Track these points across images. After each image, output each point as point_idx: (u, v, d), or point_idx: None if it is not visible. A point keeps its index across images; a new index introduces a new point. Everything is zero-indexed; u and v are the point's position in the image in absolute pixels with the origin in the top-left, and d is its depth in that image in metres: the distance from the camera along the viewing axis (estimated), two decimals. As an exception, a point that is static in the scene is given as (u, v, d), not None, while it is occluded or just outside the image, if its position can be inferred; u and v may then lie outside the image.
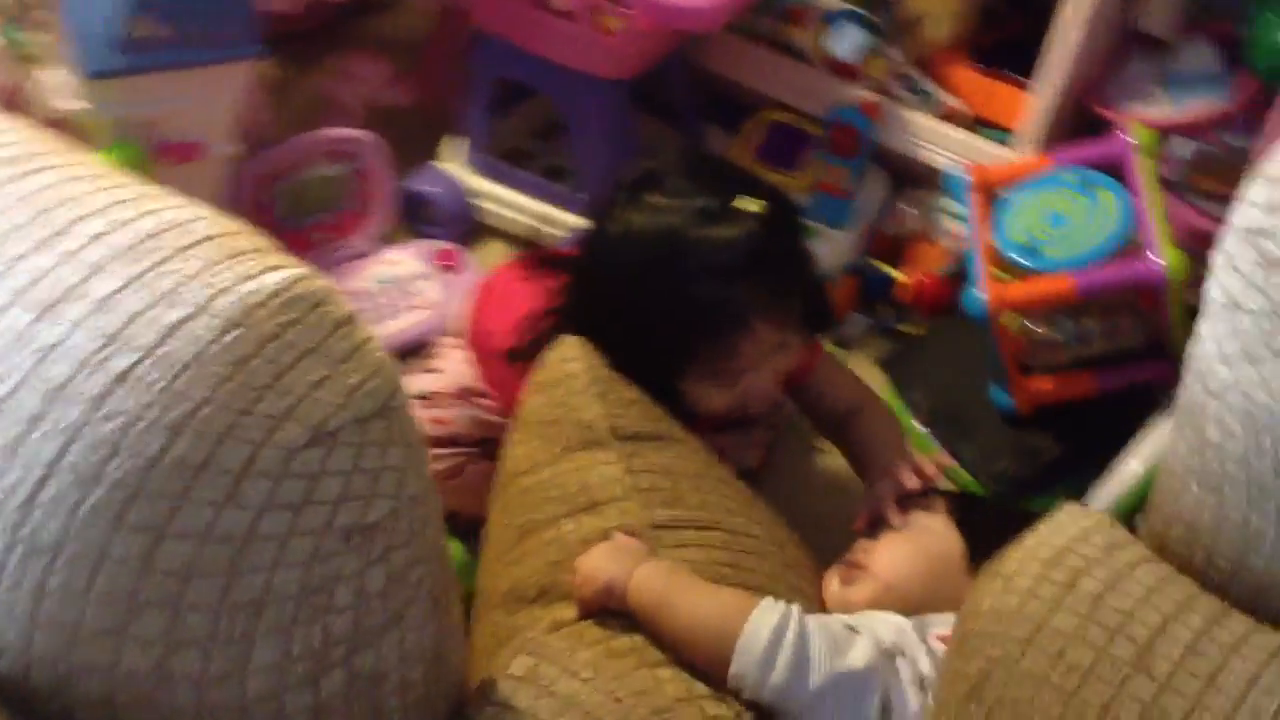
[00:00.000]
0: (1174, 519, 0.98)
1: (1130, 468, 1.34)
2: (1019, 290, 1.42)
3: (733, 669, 1.03)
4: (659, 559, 1.12)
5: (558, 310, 1.36)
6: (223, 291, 0.76)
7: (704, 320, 1.26)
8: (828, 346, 1.69)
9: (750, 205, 1.25)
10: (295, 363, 0.76)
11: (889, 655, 1.06)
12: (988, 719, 0.90)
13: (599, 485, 1.19)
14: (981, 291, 1.42)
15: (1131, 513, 1.35)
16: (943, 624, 1.14)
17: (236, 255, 0.78)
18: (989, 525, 1.26)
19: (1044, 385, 1.50)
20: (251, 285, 0.76)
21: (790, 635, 1.02)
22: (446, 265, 1.86)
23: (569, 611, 1.14)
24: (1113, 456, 1.50)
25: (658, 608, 1.08)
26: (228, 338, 0.74)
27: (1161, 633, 0.89)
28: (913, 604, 1.17)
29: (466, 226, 1.93)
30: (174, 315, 0.74)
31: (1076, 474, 1.51)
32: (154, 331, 0.73)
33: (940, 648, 1.10)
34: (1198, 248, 1.51)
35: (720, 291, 1.24)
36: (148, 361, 0.73)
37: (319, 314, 0.78)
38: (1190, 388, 0.94)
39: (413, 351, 1.77)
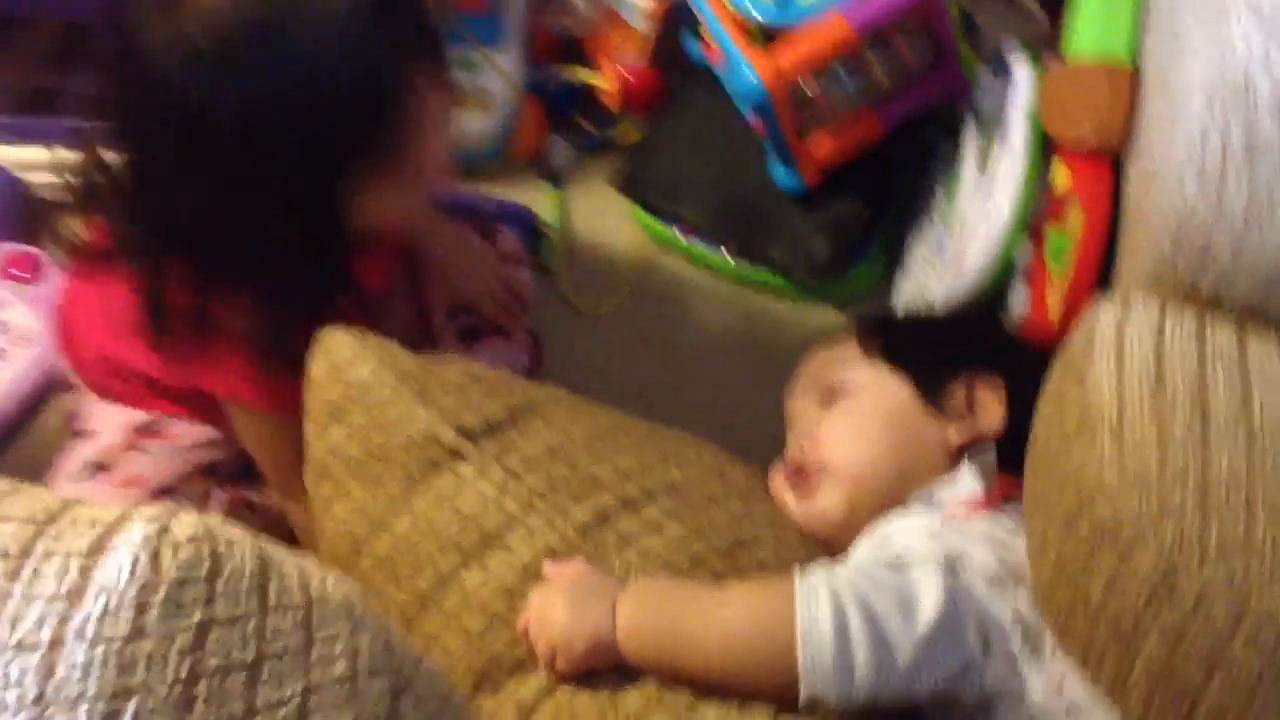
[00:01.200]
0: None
1: (998, 212, 1.15)
2: (791, 55, 1.16)
3: (806, 692, 0.77)
4: (632, 582, 0.83)
5: (135, 237, 0.96)
6: (70, 625, 0.38)
7: (351, 107, 0.88)
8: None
9: None
10: (250, 686, 0.41)
11: (951, 571, 0.83)
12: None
13: (481, 511, 0.87)
14: (751, 72, 1.15)
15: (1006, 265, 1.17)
16: (946, 489, 0.94)
17: (32, 537, 0.41)
18: (919, 344, 1.05)
19: (825, 144, 1.27)
20: (108, 586, 0.40)
21: (855, 622, 0.77)
22: (21, 276, 1.38)
23: (529, 685, 0.84)
24: (917, 191, 1.32)
25: (667, 650, 0.80)
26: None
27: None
28: (893, 484, 0.95)
29: (20, 214, 1.43)
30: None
31: (886, 225, 1.33)
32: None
33: (970, 520, 0.90)
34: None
35: (355, 53, 0.87)
36: None
37: (231, 579, 0.42)
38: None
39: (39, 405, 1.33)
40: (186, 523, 0.43)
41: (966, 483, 0.93)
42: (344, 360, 0.91)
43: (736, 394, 1.30)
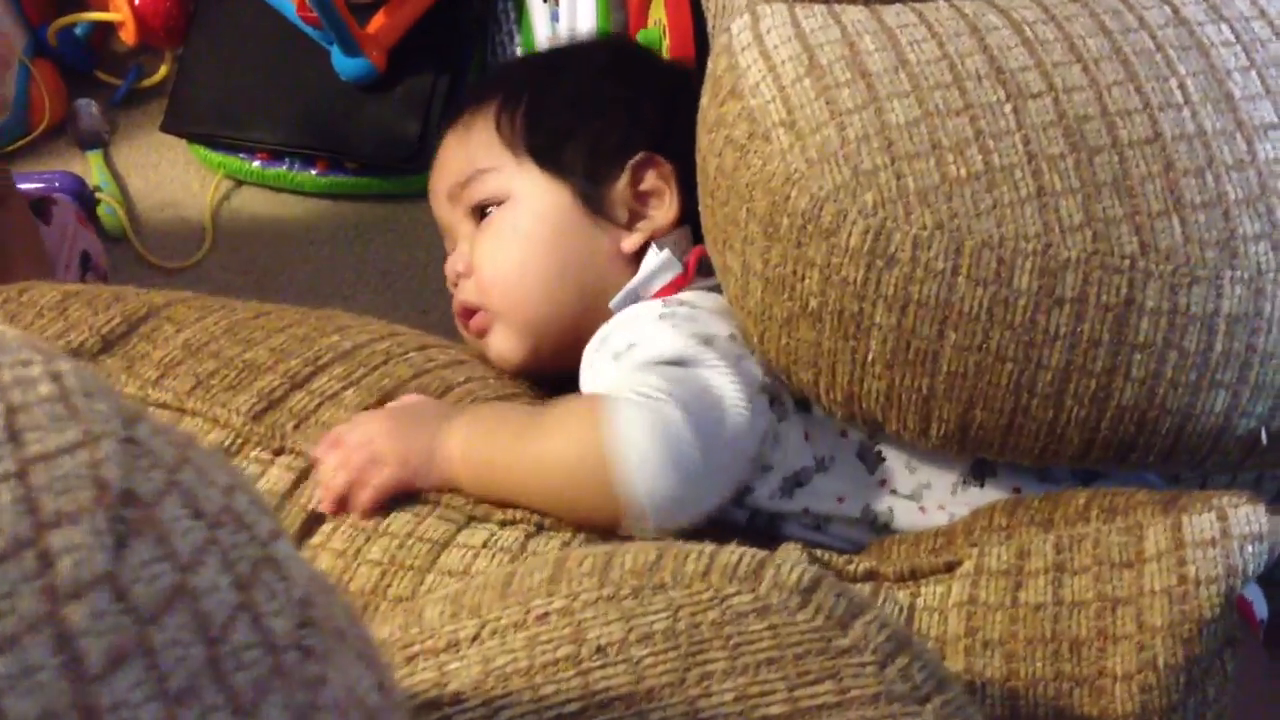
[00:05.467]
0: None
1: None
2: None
3: (630, 507, 0.70)
4: (464, 408, 0.76)
5: None
6: None
7: None
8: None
9: None
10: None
11: (733, 359, 0.76)
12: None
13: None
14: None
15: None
16: (643, 282, 0.86)
17: None
18: (568, 130, 0.92)
19: (382, 20, 1.20)
20: None
21: (677, 420, 0.71)
22: None
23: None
24: (492, 43, 1.27)
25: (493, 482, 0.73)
26: None
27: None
28: (574, 309, 0.87)
29: None
30: None
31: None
32: None
33: (682, 296, 0.83)
34: None
35: None
36: None
37: None
38: None
39: None
40: None
41: (662, 266, 0.85)
42: None
43: (364, 308, 1.21)
